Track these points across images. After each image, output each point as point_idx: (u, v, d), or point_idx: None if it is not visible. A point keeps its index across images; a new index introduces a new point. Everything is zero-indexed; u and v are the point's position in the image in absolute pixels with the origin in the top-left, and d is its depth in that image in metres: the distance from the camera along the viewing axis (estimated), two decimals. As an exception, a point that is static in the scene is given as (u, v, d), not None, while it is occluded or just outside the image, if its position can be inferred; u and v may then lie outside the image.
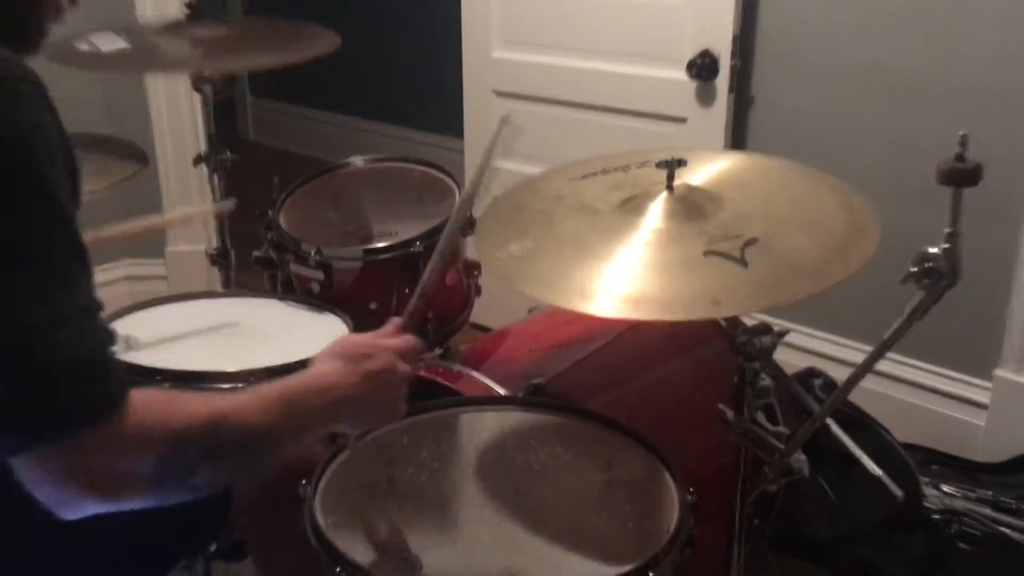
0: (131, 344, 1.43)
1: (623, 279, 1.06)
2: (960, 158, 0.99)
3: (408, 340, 1.11)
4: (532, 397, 1.43)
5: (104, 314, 0.85)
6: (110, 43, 1.76)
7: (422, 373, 1.58)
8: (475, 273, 1.87)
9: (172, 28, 1.99)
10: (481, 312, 1.93)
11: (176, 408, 0.86)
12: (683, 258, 1.07)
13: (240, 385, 1.33)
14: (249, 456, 0.92)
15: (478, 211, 1.29)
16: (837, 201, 1.20)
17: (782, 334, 1.18)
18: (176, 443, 0.85)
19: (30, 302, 0.77)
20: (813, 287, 1.03)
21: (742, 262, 1.05)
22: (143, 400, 0.83)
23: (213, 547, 1.33)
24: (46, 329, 0.78)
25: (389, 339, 1.10)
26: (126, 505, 0.85)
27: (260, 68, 1.89)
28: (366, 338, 1.10)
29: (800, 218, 1.16)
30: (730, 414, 1.20)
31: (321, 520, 1.09)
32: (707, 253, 1.07)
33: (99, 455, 0.80)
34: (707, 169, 1.25)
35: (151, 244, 2.85)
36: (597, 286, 1.05)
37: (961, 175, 0.98)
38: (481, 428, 1.31)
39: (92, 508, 0.83)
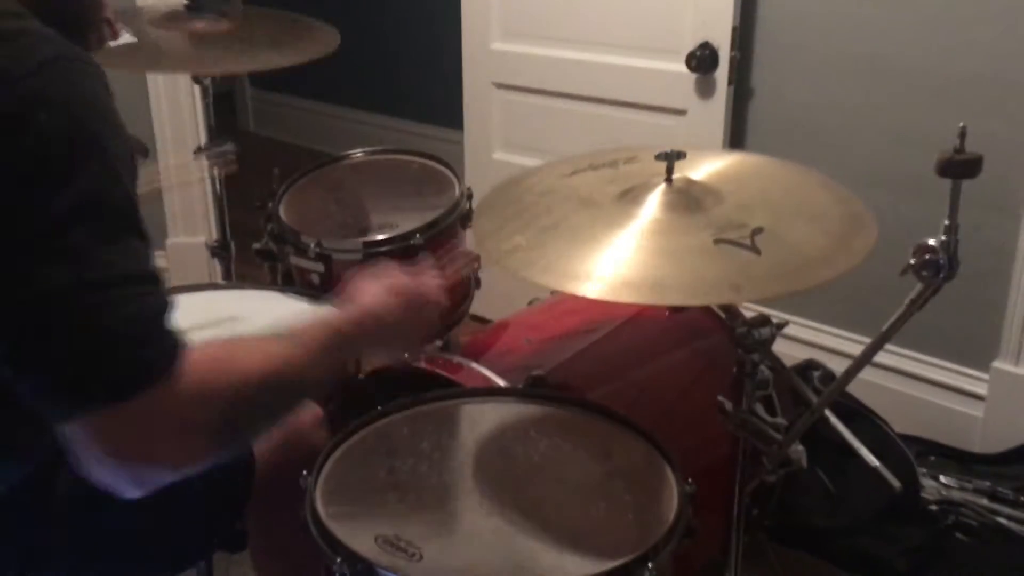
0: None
1: (638, 267, 1.08)
2: (959, 150, 0.99)
3: (445, 283, 1.18)
4: (532, 388, 1.43)
5: (162, 285, 0.85)
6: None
7: (422, 365, 1.59)
8: (475, 265, 1.87)
9: (172, 19, 1.99)
10: (481, 304, 1.94)
11: (231, 369, 0.86)
12: (695, 246, 1.08)
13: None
14: (299, 397, 0.96)
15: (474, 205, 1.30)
16: (829, 196, 1.21)
17: (781, 326, 1.18)
18: (233, 404, 0.85)
19: (85, 265, 0.78)
20: (827, 273, 1.04)
21: (755, 250, 1.06)
22: (198, 361, 0.83)
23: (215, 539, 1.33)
24: (100, 290, 0.78)
25: (429, 279, 1.16)
26: (189, 469, 0.83)
27: (260, 69, 1.89)
28: (412, 281, 1.14)
29: (799, 210, 1.17)
30: (729, 405, 1.21)
31: (322, 510, 1.10)
32: (718, 241, 1.07)
33: (153, 421, 0.79)
34: (702, 163, 1.25)
35: (151, 236, 2.85)
36: (612, 274, 1.06)
37: (960, 167, 0.99)
38: (481, 419, 1.31)
39: (155, 478, 0.82)
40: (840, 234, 1.11)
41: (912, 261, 1.03)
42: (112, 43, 1.05)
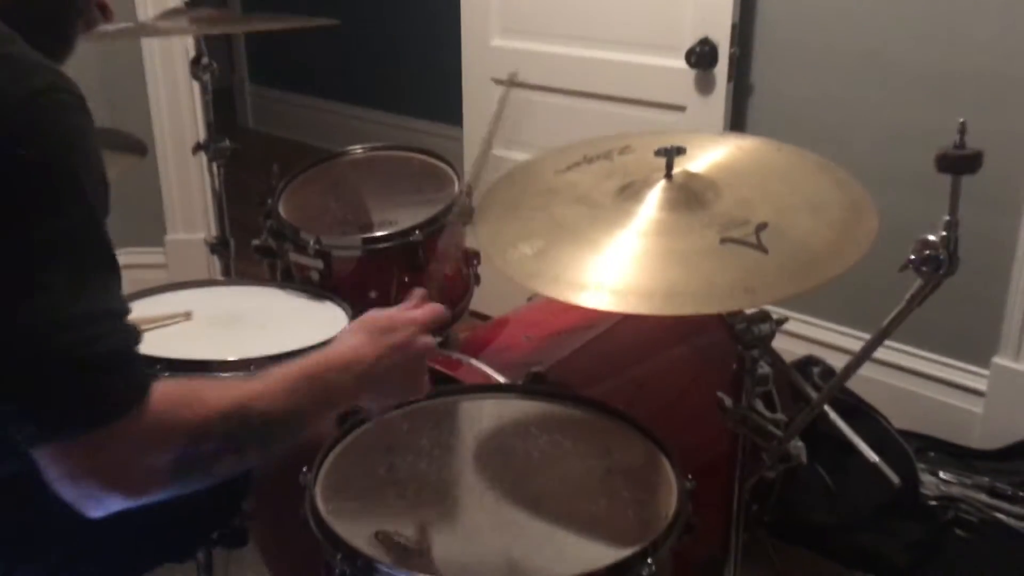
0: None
1: (648, 275, 1.06)
2: (959, 146, 0.99)
3: (432, 310, 1.11)
4: (531, 385, 1.43)
5: (130, 318, 0.86)
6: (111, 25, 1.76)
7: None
8: (474, 262, 1.87)
9: (171, 14, 1.99)
10: (480, 300, 1.94)
11: (196, 403, 0.87)
12: (701, 248, 1.07)
13: (240, 374, 1.33)
14: (272, 440, 0.93)
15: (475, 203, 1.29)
16: (827, 180, 1.20)
17: (781, 322, 1.18)
18: (195, 438, 0.85)
19: (59, 300, 0.80)
20: (836, 268, 1.03)
21: (761, 248, 1.05)
22: (163, 394, 0.84)
23: (215, 534, 1.33)
24: (73, 326, 0.80)
25: (412, 311, 1.10)
26: (149, 499, 0.85)
27: (258, 31, 1.89)
28: (389, 312, 1.10)
29: (799, 199, 1.16)
30: (729, 401, 1.21)
31: (321, 507, 1.10)
32: (724, 241, 1.07)
33: (118, 451, 0.82)
34: (699, 153, 1.24)
35: (151, 233, 2.85)
36: (624, 284, 1.04)
37: (960, 163, 0.99)
38: (481, 416, 1.31)
39: (115, 504, 0.84)
40: (843, 223, 1.10)
41: (912, 257, 1.02)
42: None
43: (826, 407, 1.22)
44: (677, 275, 1.05)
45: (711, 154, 1.25)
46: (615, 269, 1.07)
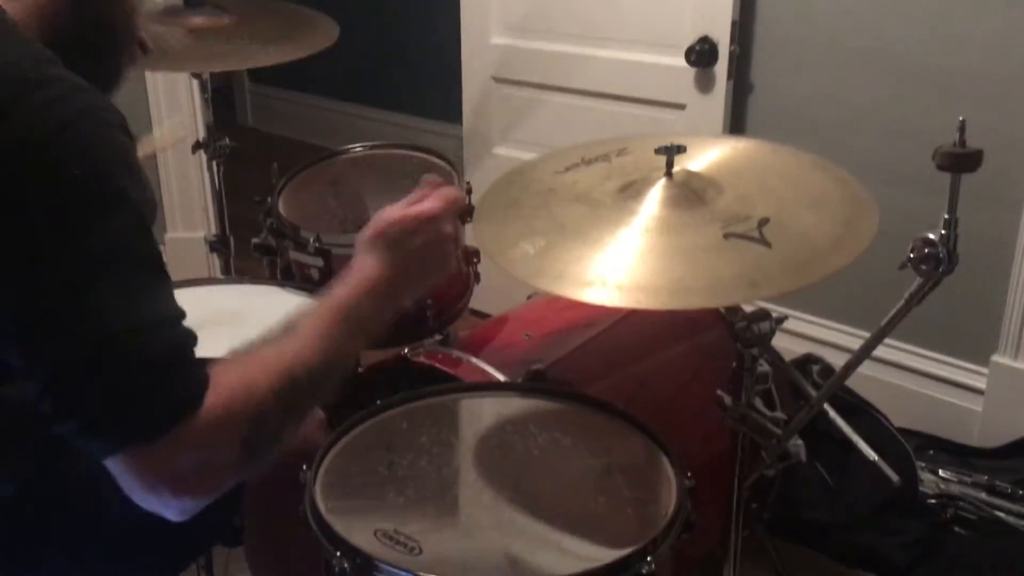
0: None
1: (652, 271, 1.06)
2: (959, 144, 0.99)
3: (446, 197, 1.09)
4: (531, 383, 1.43)
5: (186, 321, 0.88)
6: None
7: (421, 359, 1.59)
8: (474, 260, 1.87)
9: (170, 14, 1.98)
10: (480, 298, 1.94)
11: (250, 389, 0.87)
12: (705, 243, 1.07)
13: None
14: (322, 389, 0.95)
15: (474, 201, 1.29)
16: (826, 177, 1.20)
17: (780, 320, 1.18)
18: (257, 423, 0.87)
19: (115, 311, 0.81)
20: (839, 261, 1.03)
21: (764, 242, 1.05)
22: (217, 390, 0.85)
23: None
24: (130, 334, 0.81)
25: (424, 207, 1.07)
26: (222, 491, 0.87)
27: (259, 66, 1.88)
28: (400, 214, 1.06)
29: (800, 196, 1.16)
30: (728, 399, 1.21)
31: (321, 505, 1.10)
32: (727, 236, 1.07)
33: (187, 453, 0.83)
34: (697, 152, 1.24)
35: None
36: (628, 280, 1.04)
37: (960, 160, 0.99)
38: (480, 414, 1.32)
39: (194, 506, 0.85)
40: (844, 218, 1.11)
41: (911, 255, 1.03)
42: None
43: (825, 405, 1.22)
44: (682, 270, 1.05)
45: (709, 154, 1.26)
46: (619, 265, 1.07)
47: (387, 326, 1.05)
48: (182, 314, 0.87)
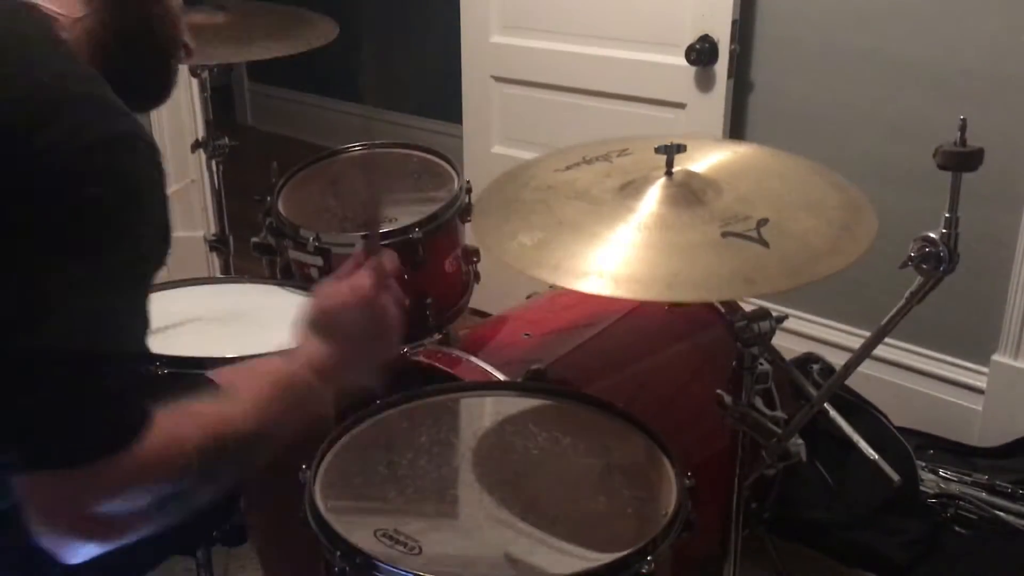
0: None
1: (648, 263, 1.07)
2: (960, 143, 0.99)
3: (376, 268, 1.04)
4: (531, 382, 1.43)
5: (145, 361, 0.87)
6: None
7: (421, 358, 1.58)
8: (474, 259, 1.87)
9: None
10: (480, 298, 1.94)
11: (175, 445, 0.85)
12: (703, 241, 1.08)
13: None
14: (247, 459, 0.93)
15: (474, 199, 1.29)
16: (824, 183, 1.21)
17: (780, 319, 1.18)
18: (176, 480, 0.85)
19: (72, 333, 0.79)
20: (835, 263, 1.04)
21: (763, 242, 1.06)
22: (148, 441, 0.83)
23: (215, 532, 1.33)
24: (79, 360, 0.80)
25: (353, 284, 1.03)
26: (123, 543, 0.85)
27: (258, 59, 1.88)
28: (335, 296, 1.04)
29: (799, 199, 1.17)
30: (728, 399, 1.21)
31: (321, 504, 1.10)
32: (725, 235, 1.07)
33: (97, 491, 0.81)
34: (697, 153, 1.25)
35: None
36: (624, 272, 1.05)
37: (961, 160, 0.99)
38: (480, 413, 1.32)
39: (90, 551, 0.83)
40: (842, 223, 1.11)
41: (912, 254, 1.03)
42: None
43: (826, 405, 1.22)
44: (678, 265, 1.06)
45: (710, 155, 1.26)
46: (617, 258, 1.08)
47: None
48: (144, 353, 0.87)
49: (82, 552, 0.83)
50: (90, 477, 0.80)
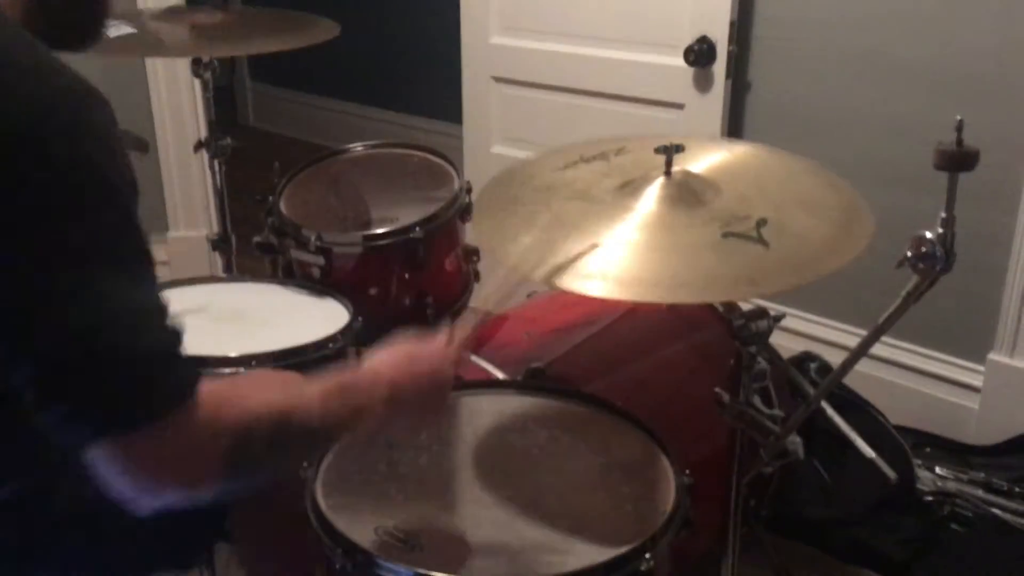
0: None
1: (651, 266, 1.07)
2: (957, 143, 0.99)
3: (455, 350, 1.13)
4: (530, 381, 1.44)
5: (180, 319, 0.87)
6: (114, 29, 1.77)
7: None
8: (474, 258, 1.88)
9: (171, 14, 2.00)
10: (479, 296, 1.94)
11: (240, 404, 0.88)
12: (704, 242, 1.08)
13: (242, 370, 1.34)
14: (309, 447, 0.97)
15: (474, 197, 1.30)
16: (819, 182, 1.21)
17: (778, 318, 1.19)
18: (241, 437, 0.87)
19: (106, 298, 0.80)
20: (835, 262, 1.05)
21: (763, 242, 1.06)
22: (212, 394, 0.85)
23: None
24: (121, 322, 0.80)
25: (446, 347, 1.12)
26: (197, 497, 0.87)
27: (260, 53, 1.89)
28: (430, 344, 1.11)
29: (796, 199, 1.17)
30: (726, 397, 1.21)
31: (322, 502, 1.11)
32: (726, 235, 1.08)
33: (173, 443, 0.83)
34: (694, 153, 1.25)
35: (153, 230, 2.86)
36: (628, 274, 1.06)
37: (958, 160, 0.99)
38: (480, 412, 1.32)
39: (170, 497, 0.85)
40: (840, 222, 1.12)
41: (908, 253, 1.03)
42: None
43: (823, 403, 1.22)
44: (680, 266, 1.06)
45: (707, 155, 1.27)
46: (618, 260, 1.08)
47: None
48: (167, 306, 0.86)
49: (161, 499, 0.85)
50: (157, 433, 0.81)
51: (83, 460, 0.82)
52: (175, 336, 0.85)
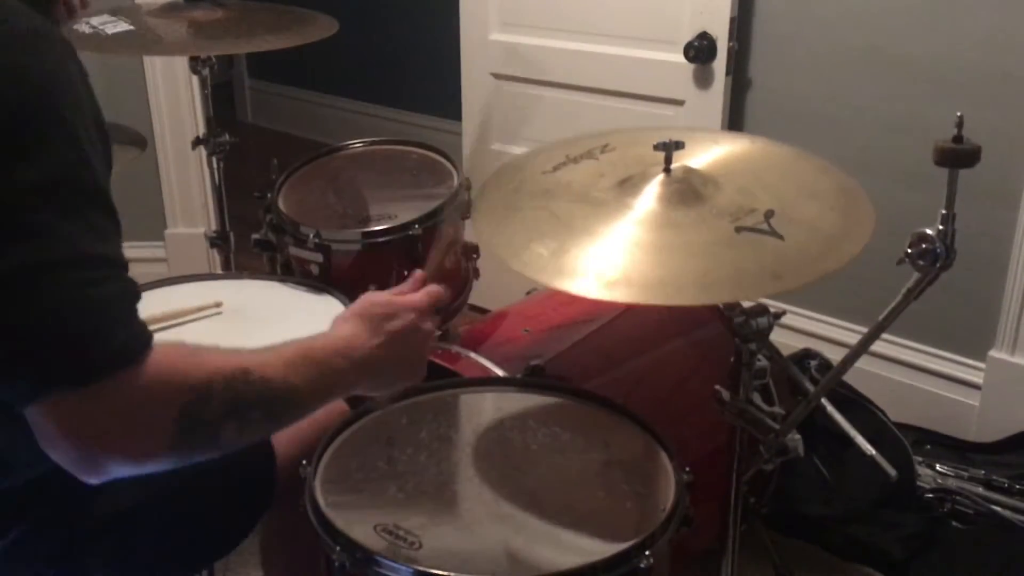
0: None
1: (675, 267, 1.05)
2: (957, 140, 0.99)
3: (431, 293, 1.09)
4: (530, 378, 1.44)
5: (130, 275, 0.82)
6: (112, 26, 1.77)
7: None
8: (473, 256, 1.88)
9: (169, 10, 1.99)
10: (479, 294, 1.94)
11: (197, 360, 0.84)
12: (719, 238, 1.07)
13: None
14: (273, 414, 0.90)
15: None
16: (811, 167, 1.21)
17: (778, 315, 1.19)
18: (197, 396, 0.82)
19: (50, 242, 0.76)
20: (853, 247, 1.04)
21: (776, 235, 1.06)
22: (163, 352, 0.81)
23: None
24: (66, 269, 0.76)
25: (411, 296, 1.08)
26: (149, 466, 0.81)
27: (258, 50, 1.89)
28: (387, 296, 1.07)
29: (794, 187, 1.17)
30: (726, 394, 1.21)
31: (321, 500, 1.10)
32: (739, 230, 1.07)
33: (119, 405, 0.77)
34: (688, 150, 1.24)
35: (151, 227, 2.86)
36: (651, 277, 1.03)
37: (958, 156, 0.99)
38: (480, 409, 1.32)
39: (115, 467, 0.80)
40: (844, 207, 1.12)
41: (909, 250, 1.03)
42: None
43: (823, 400, 1.22)
44: (705, 265, 1.04)
45: (701, 149, 1.26)
46: (640, 264, 1.06)
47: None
48: (125, 263, 0.82)
49: (105, 469, 0.79)
50: (106, 394, 0.76)
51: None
52: (129, 290, 0.80)
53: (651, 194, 1.14)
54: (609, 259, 1.07)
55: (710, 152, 1.26)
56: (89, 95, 0.83)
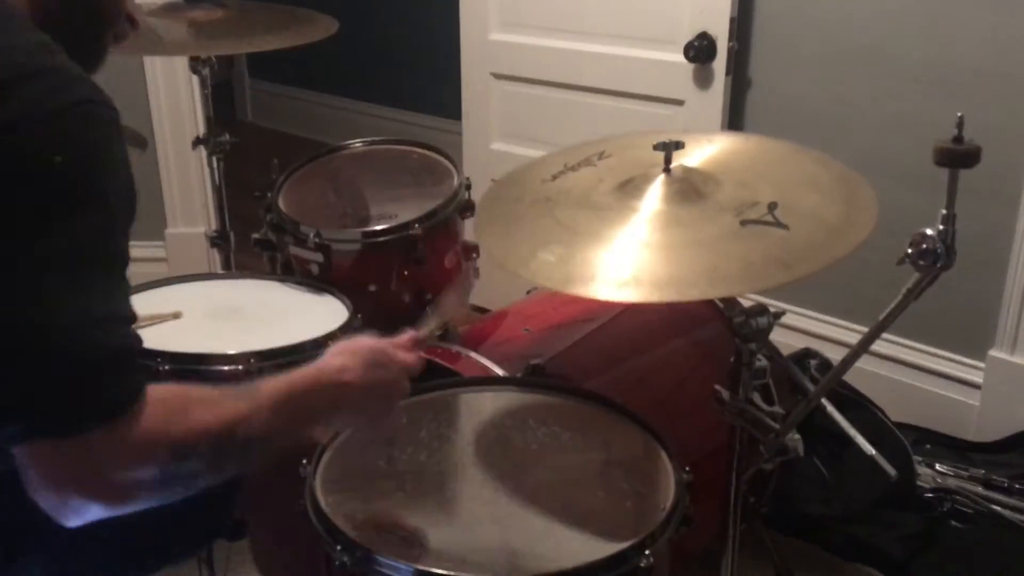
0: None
1: (683, 264, 1.06)
2: (957, 140, 0.99)
3: (417, 359, 1.13)
4: (530, 378, 1.44)
5: (135, 327, 0.87)
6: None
7: (420, 354, 1.59)
8: (473, 255, 1.88)
9: (169, 10, 1.99)
10: (479, 294, 1.95)
11: (185, 420, 0.87)
12: (725, 233, 1.07)
13: (240, 367, 1.34)
14: (251, 457, 0.94)
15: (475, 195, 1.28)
16: (807, 159, 1.21)
17: (778, 315, 1.19)
18: (180, 454, 0.86)
19: (61, 301, 0.80)
20: (859, 234, 1.04)
21: (782, 225, 1.06)
22: (155, 405, 0.84)
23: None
24: (72, 325, 0.80)
25: (406, 355, 1.12)
26: (127, 509, 0.85)
27: (258, 50, 1.89)
28: (384, 346, 1.11)
29: (793, 178, 1.17)
30: (726, 394, 1.21)
31: (321, 499, 1.11)
32: (744, 223, 1.07)
33: (104, 456, 0.81)
34: (684, 149, 1.24)
35: (151, 227, 2.86)
36: (667, 276, 1.04)
37: (958, 156, 0.99)
38: (480, 408, 1.32)
39: (92, 513, 0.84)
40: (845, 195, 1.12)
41: (909, 250, 1.03)
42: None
43: (823, 400, 1.22)
44: (714, 260, 1.05)
45: (697, 149, 1.26)
46: (649, 263, 1.07)
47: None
48: (132, 317, 0.86)
49: (82, 514, 0.83)
50: (93, 443, 0.80)
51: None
52: (129, 345, 0.85)
53: (654, 194, 1.14)
54: (618, 260, 1.07)
55: (706, 151, 1.26)
56: (126, 166, 0.87)
